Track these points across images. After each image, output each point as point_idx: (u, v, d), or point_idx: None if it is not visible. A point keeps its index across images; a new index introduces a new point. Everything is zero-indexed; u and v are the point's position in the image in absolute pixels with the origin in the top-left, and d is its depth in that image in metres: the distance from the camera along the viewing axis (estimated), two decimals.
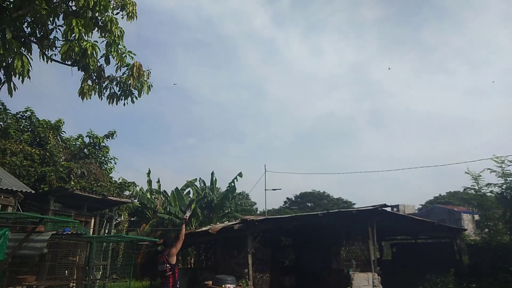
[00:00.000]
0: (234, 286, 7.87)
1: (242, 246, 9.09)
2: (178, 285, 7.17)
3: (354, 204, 47.29)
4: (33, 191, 8.27)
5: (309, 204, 51.17)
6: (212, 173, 24.59)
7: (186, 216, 6.15)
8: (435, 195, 47.32)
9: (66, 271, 8.06)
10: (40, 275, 6.99)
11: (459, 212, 27.70)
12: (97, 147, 16.34)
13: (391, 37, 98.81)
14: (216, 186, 25.54)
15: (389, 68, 76.53)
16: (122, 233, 13.26)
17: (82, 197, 8.51)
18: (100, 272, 8.87)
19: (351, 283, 9.46)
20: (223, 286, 7.74)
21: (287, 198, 54.57)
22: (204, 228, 10.68)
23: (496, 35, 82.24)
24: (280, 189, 27.38)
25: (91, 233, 8.68)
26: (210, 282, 8.05)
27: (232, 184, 22.82)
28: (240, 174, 23.09)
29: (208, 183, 24.84)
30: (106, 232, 9.40)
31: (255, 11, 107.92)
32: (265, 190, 26.11)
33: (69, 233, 7.34)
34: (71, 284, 8.21)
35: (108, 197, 8.98)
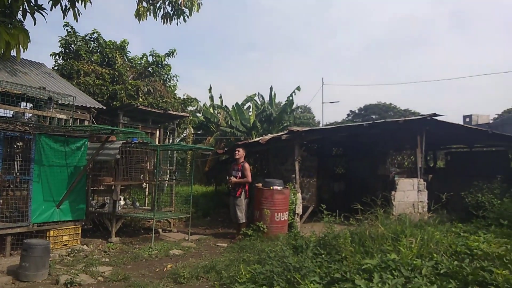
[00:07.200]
0: (282, 187, 8.77)
1: (290, 154, 9.81)
2: (244, 196, 8.56)
3: (423, 114, 45.63)
4: (105, 107, 9.46)
5: (374, 117, 50.39)
6: (271, 88, 25.16)
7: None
8: None
9: (142, 175, 9.46)
10: (116, 177, 8.36)
11: None
12: (159, 65, 17.29)
13: None
14: (276, 101, 26.15)
15: None
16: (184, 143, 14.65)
17: (146, 112, 9.56)
18: (168, 176, 10.23)
19: (395, 187, 10.03)
20: (271, 187, 8.66)
21: (350, 110, 54.26)
22: (256, 139, 11.56)
23: None
24: (338, 101, 27.76)
25: (156, 143, 9.88)
26: (260, 184, 9.01)
27: (290, 98, 23.30)
28: (298, 88, 23.40)
29: (267, 98, 25.53)
30: (170, 142, 10.58)
31: None
32: (323, 103, 26.45)
33: (137, 142, 8.51)
34: (143, 184, 9.69)
35: (169, 111, 9.97)
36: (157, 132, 10.30)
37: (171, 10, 10.49)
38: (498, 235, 6.67)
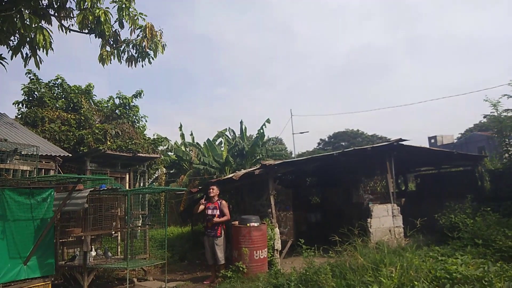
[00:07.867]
0: (258, 224, 8.63)
1: (265, 189, 9.75)
2: (224, 235, 8.41)
3: (389, 139, 47.01)
4: (70, 155, 9.20)
5: (343, 143, 51.48)
6: (241, 122, 25.32)
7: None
8: (475, 123, 46.33)
9: (114, 223, 9.10)
10: (86, 227, 8.00)
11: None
12: (127, 107, 17.15)
13: None
14: (247, 134, 26.25)
15: None
16: (154, 185, 14.40)
17: (114, 156, 9.33)
18: (140, 221, 9.89)
19: (370, 214, 10.08)
20: (248, 224, 8.51)
21: (320, 139, 55.25)
22: (228, 176, 11.47)
23: None
24: (308, 131, 28.13)
25: (126, 187, 9.61)
26: (237, 222, 8.84)
27: (261, 130, 23.44)
28: (268, 120, 23.62)
29: (238, 132, 25.61)
30: (141, 185, 10.32)
31: None
32: (293, 134, 26.85)
33: (105, 188, 8.24)
34: (114, 232, 9.32)
35: (138, 154, 9.77)
36: (127, 176, 10.05)
37: (136, 53, 10.47)
38: (474, 256, 6.74)
